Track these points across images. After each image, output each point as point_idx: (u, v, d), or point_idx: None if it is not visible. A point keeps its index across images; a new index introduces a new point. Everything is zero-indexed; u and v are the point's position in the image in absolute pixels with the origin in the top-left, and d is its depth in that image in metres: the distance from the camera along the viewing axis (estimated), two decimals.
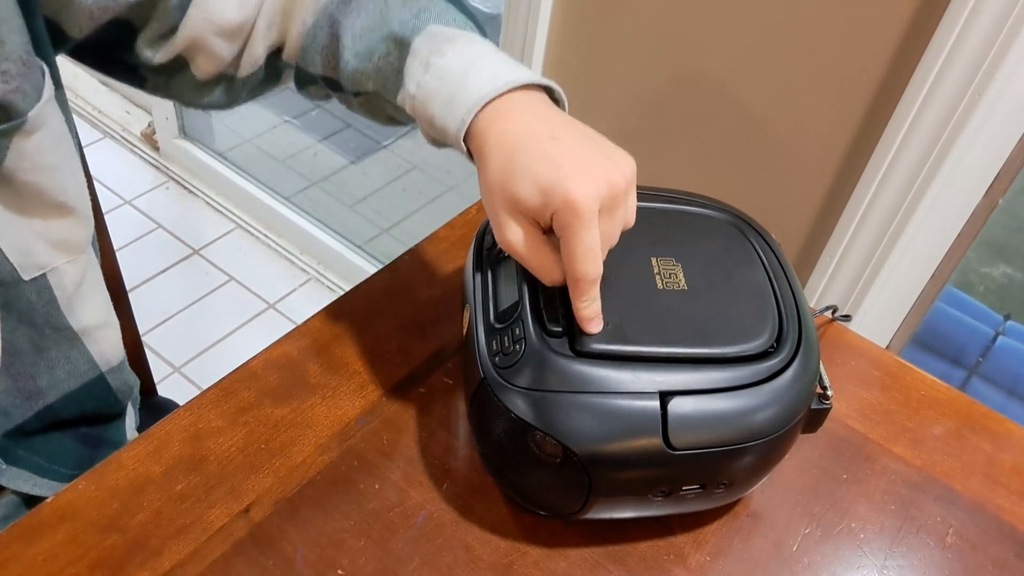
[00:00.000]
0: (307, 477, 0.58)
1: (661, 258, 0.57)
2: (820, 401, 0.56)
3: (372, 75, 0.58)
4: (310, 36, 0.62)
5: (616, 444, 0.49)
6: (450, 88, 0.53)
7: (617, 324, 0.52)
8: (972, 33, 0.91)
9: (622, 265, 0.56)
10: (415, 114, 0.56)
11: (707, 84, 1.15)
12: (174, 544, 0.53)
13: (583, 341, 0.51)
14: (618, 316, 0.53)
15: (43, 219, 0.56)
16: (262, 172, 2.12)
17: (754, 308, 0.55)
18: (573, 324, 0.52)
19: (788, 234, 1.19)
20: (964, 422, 0.68)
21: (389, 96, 0.58)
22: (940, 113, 0.97)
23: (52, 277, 0.58)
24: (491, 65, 0.54)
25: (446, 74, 0.53)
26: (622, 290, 0.55)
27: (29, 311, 0.58)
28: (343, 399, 0.63)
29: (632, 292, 0.55)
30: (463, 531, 0.56)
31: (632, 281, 0.55)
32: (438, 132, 0.55)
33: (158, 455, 0.58)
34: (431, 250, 0.76)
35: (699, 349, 0.52)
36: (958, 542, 0.60)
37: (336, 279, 1.96)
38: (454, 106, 0.52)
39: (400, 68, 0.56)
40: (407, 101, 0.56)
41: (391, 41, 0.57)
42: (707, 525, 0.58)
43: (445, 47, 0.54)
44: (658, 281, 0.56)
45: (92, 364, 0.65)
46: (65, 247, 0.58)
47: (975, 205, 1.08)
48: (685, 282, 0.56)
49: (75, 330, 0.62)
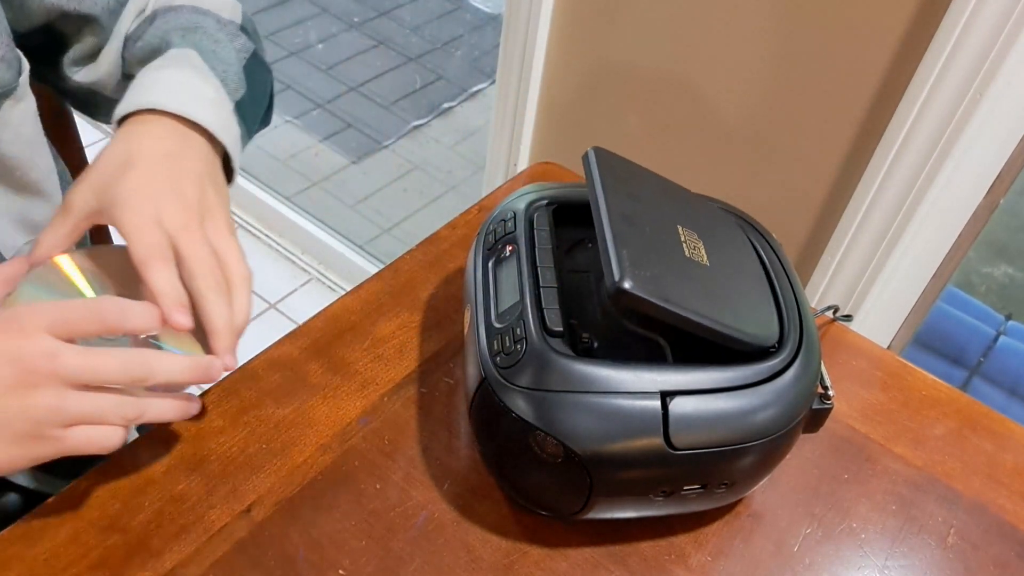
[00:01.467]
0: (308, 477, 0.58)
1: (686, 229, 0.56)
2: (821, 401, 0.56)
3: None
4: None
5: (617, 444, 0.49)
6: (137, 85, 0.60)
7: (656, 274, 0.50)
8: (973, 33, 0.91)
9: (652, 221, 0.54)
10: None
11: (708, 84, 1.15)
12: (175, 544, 0.53)
13: (627, 276, 0.48)
14: (655, 267, 0.50)
15: (17, 197, 0.58)
16: (263, 172, 2.12)
17: (756, 308, 0.55)
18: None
19: (789, 234, 1.19)
20: (965, 422, 0.68)
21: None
22: (941, 113, 0.97)
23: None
24: (178, 83, 0.60)
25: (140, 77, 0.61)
26: (654, 243, 0.52)
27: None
28: (344, 399, 0.63)
29: (664, 249, 0.53)
30: (464, 531, 0.56)
31: (662, 239, 0.54)
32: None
33: (159, 455, 0.58)
34: (432, 250, 0.76)
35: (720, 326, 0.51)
36: (959, 542, 0.60)
37: (337, 279, 1.96)
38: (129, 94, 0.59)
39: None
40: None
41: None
42: (708, 525, 0.58)
43: (159, 62, 0.61)
44: (685, 249, 0.54)
45: None
46: (32, 227, 0.59)
47: (976, 205, 1.08)
48: (707, 258, 0.55)
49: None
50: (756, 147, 1.16)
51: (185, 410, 0.52)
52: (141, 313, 0.49)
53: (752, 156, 1.17)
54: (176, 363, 0.50)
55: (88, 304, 0.49)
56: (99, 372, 0.47)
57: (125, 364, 0.48)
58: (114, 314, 0.48)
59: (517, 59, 1.30)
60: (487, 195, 0.83)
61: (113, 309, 0.49)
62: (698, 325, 0.50)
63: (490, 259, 0.60)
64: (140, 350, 0.50)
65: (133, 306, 0.49)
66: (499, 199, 0.65)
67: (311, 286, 1.94)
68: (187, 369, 0.51)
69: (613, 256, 0.49)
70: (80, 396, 0.47)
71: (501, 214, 0.62)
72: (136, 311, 0.49)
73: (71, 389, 0.47)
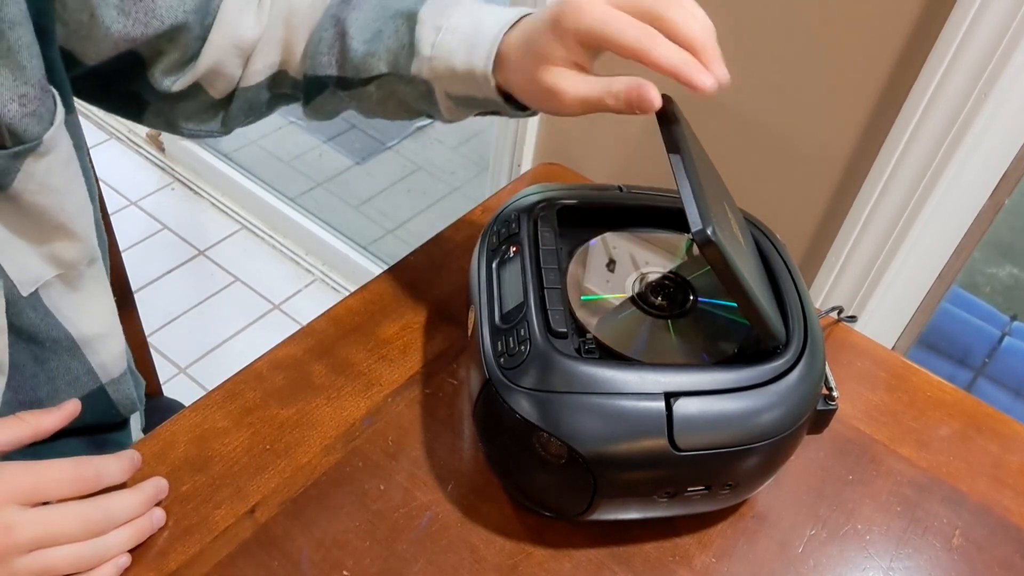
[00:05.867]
0: (312, 478, 0.58)
1: (730, 209, 0.56)
2: (826, 402, 0.56)
3: (383, 55, 0.61)
4: (315, 41, 0.64)
5: (621, 445, 0.49)
6: (466, 38, 0.58)
7: (728, 236, 0.49)
8: (978, 33, 0.90)
9: (711, 191, 0.52)
10: (434, 75, 0.60)
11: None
12: (179, 544, 0.53)
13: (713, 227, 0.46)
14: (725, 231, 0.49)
15: (42, 238, 0.57)
16: (267, 173, 2.12)
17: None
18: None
19: (793, 235, 1.18)
20: (970, 423, 0.68)
21: (403, 70, 0.61)
22: (946, 113, 0.97)
23: (43, 289, 0.58)
24: (490, 16, 0.59)
25: (458, 29, 0.59)
26: (717, 211, 0.51)
27: (29, 326, 0.58)
28: (348, 400, 0.63)
29: (722, 221, 0.51)
30: (468, 532, 0.56)
31: (720, 210, 0.52)
32: (462, 79, 0.59)
33: (163, 456, 0.58)
34: (436, 251, 0.76)
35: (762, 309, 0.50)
36: (964, 543, 0.59)
37: (341, 280, 1.96)
38: (476, 49, 0.57)
39: (410, 41, 0.60)
40: (424, 65, 0.60)
41: (398, 18, 0.61)
42: (712, 526, 0.58)
43: (448, 11, 0.60)
44: (733, 225, 0.54)
45: (92, 375, 0.64)
46: (59, 263, 0.59)
47: (981, 205, 1.08)
48: (741, 238, 0.55)
49: (75, 339, 0.62)
50: (760, 147, 1.16)
51: (149, 529, 0.54)
52: (117, 470, 0.53)
53: (756, 157, 1.17)
54: (132, 501, 0.53)
55: (64, 469, 0.51)
56: (57, 537, 0.49)
57: (83, 521, 0.50)
58: (91, 479, 0.51)
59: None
60: (491, 196, 0.83)
61: (90, 474, 0.51)
62: (750, 301, 0.49)
63: (494, 260, 0.60)
64: (94, 499, 0.51)
65: (108, 465, 0.52)
66: (503, 200, 0.65)
67: (315, 287, 1.94)
68: (143, 502, 0.53)
69: (695, 206, 0.47)
70: (32, 558, 0.48)
71: (505, 215, 0.62)
72: (111, 470, 0.52)
73: (23, 555, 0.48)
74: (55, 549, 0.49)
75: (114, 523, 0.51)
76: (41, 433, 0.53)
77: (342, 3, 0.63)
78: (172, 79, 0.63)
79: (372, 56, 0.62)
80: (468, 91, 0.59)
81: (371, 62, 0.62)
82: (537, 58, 0.54)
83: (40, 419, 0.53)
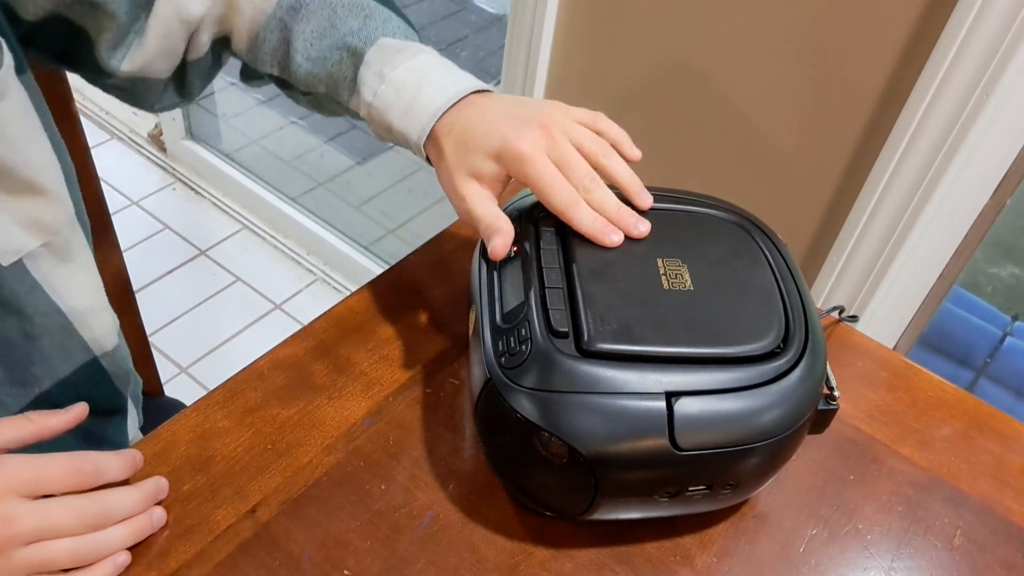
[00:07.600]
0: (313, 478, 0.58)
1: (667, 259, 0.57)
2: (827, 402, 0.56)
3: (324, 80, 0.65)
4: (260, 39, 0.67)
5: (622, 445, 0.49)
6: (406, 100, 0.61)
7: (624, 324, 0.52)
8: (979, 32, 0.90)
9: (628, 266, 0.56)
10: (370, 119, 0.64)
11: (714, 85, 1.15)
12: (180, 544, 0.53)
13: (590, 340, 0.51)
14: (624, 316, 0.53)
15: (13, 198, 0.56)
16: (268, 173, 2.12)
17: (760, 308, 0.55)
18: (579, 324, 0.52)
19: (795, 234, 1.18)
20: (972, 423, 0.68)
21: (340, 99, 0.65)
22: (947, 112, 0.97)
23: (29, 261, 0.58)
24: (439, 77, 0.62)
25: (401, 87, 0.61)
26: (628, 290, 0.54)
27: (14, 299, 0.58)
28: (349, 400, 0.63)
29: (638, 292, 0.55)
30: (469, 532, 0.56)
31: (638, 281, 0.55)
32: (396, 136, 0.63)
33: (165, 455, 0.58)
34: (437, 251, 0.76)
35: (705, 349, 0.52)
36: (966, 544, 0.59)
37: (342, 280, 1.96)
38: (413, 116, 0.61)
39: (353, 77, 0.64)
40: (362, 107, 0.64)
41: (344, 50, 0.64)
42: (713, 526, 0.58)
43: (396, 59, 0.62)
44: (664, 281, 0.56)
45: (85, 348, 0.65)
46: (38, 228, 0.58)
47: (982, 205, 1.08)
48: (691, 282, 0.56)
49: (65, 313, 0.62)
50: (761, 147, 1.16)
51: (149, 527, 0.54)
52: (117, 466, 0.53)
53: (757, 156, 1.17)
54: (131, 498, 0.53)
55: (64, 462, 0.51)
56: (56, 530, 0.49)
57: (81, 515, 0.50)
58: (90, 473, 0.51)
59: (522, 60, 1.30)
60: None
61: (89, 468, 0.51)
62: (675, 354, 0.51)
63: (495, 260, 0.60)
64: (93, 494, 0.51)
65: (108, 460, 0.52)
66: (503, 200, 0.65)
67: (316, 287, 1.94)
68: (142, 499, 0.53)
69: (581, 316, 0.52)
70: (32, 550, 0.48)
71: (506, 215, 0.62)
72: (111, 465, 0.52)
73: (22, 547, 0.48)
74: (54, 542, 0.49)
75: (112, 519, 0.51)
76: (47, 433, 0.53)
77: (291, 9, 0.65)
78: (119, 55, 0.64)
79: (313, 76, 0.65)
80: (398, 142, 0.63)
81: (312, 81, 0.66)
82: (466, 166, 0.59)
83: (47, 419, 0.53)
